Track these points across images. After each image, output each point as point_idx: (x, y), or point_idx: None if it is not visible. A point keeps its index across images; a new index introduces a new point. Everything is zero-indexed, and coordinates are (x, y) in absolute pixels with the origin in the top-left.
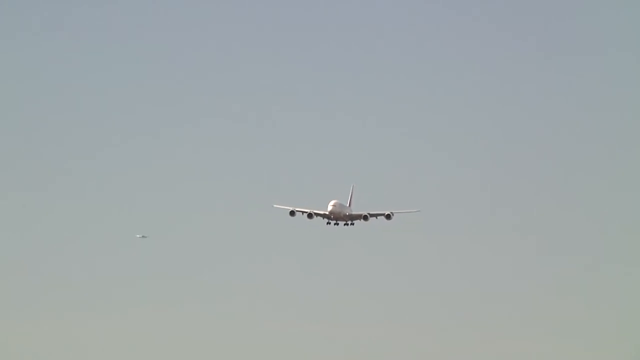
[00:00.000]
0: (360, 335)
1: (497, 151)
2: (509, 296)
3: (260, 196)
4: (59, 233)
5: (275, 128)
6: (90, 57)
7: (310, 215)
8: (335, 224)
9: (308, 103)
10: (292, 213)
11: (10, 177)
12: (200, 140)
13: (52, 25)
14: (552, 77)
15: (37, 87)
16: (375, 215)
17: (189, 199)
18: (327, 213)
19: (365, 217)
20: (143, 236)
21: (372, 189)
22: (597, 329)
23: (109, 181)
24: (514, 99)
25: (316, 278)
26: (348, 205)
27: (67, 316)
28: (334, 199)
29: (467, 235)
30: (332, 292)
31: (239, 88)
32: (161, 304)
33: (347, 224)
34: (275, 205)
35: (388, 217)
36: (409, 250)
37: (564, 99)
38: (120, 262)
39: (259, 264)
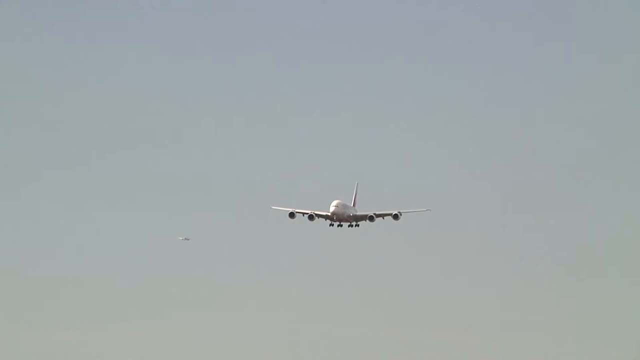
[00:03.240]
0: (365, 341)
1: (505, 150)
2: (520, 297)
3: (257, 197)
4: (52, 234)
5: (274, 126)
6: (91, 57)
7: (311, 217)
8: (338, 225)
9: (308, 101)
10: (292, 215)
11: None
12: (196, 140)
13: (52, 25)
14: (557, 75)
15: (39, 88)
16: (382, 216)
17: (182, 201)
18: (329, 214)
19: (371, 218)
20: (186, 238)
21: (377, 188)
22: (609, 330)
23: (105, 185)
24: (522, 99)
25: (319, 283)
26: (352, 205)
27: (66, 319)
28: (336, 199)
29: (480, 235)
30: (336, 299)
31: (238, 88)
32: (157, 308)
33: (352, 225)
34: (273, 207)
35: (396, 217)
36: (419, 252)
37: (571, 98)
38: (117, 266)
39: (258, 269)
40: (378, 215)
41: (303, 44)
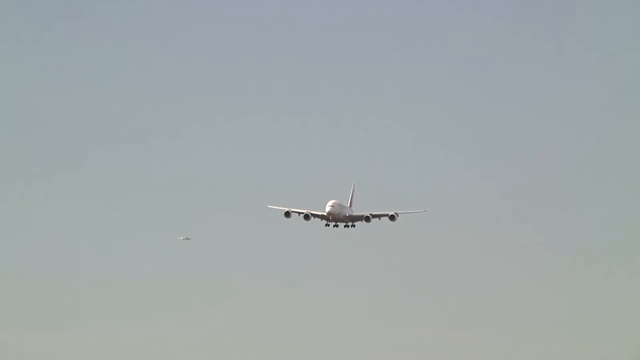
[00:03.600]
0: (360, 340)
1: (502, 150)
2: (517, 297)
3: (252, 196)
4: (52, 234)
5: (270, 125)
6: (91, 57)
7: (307, 217)
8: (334, 225)
9: (305, 101)
10: (288, 214)
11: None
12: (192, 140)
13: (52, 25)
14: (557, 75)
15: (37, 87)
16: (379, 216)
17: (178, 200)
18: (325, 214)
19: (367, 218)
20: (186, 238)
21: (374, 188)
22: (608, 329)
23: (102, 184)
24: (518, 98)
25: (314, 283)
26: (348, 205)
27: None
28: (332, 199)
29: (477, 236)
30: (331, 299)
31: (234, 87)
32: (154, 309)
33: (348, 226)
34: (269, 206)
35: (392, 218)
36: (415, 254)
37: (570, 98)
38: (109, 267)
39: (252, 269)
40: (374, 216)
41: (300, 42)
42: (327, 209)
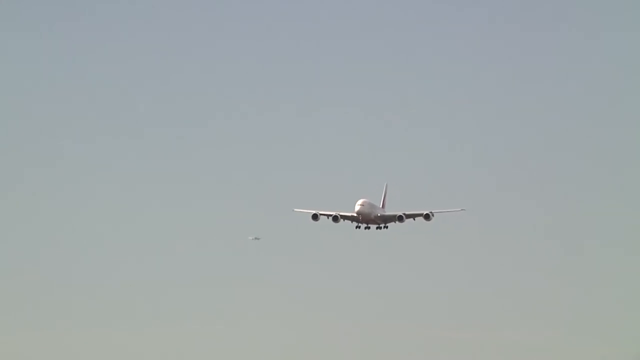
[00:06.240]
0: (395, 343)
1: (542, 149)
2: (555, 298)
3: (278, 199)
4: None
5: (294, 124)
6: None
7: (336, 219)
8: (365, 227)
9: (331, 98)
10: (315, 217)
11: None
12: (213, 140)
13: (53, 25)
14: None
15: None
16: (413, 216)
17: (197, 202)
18: (355, 214)
19: (400, 218)
20: (256, 238)
21: (407, 186)
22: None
23: (125, 183)
24: (559, 99)
25: (346, 290)
26: (381, 206)
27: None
28: (362, 198)
29: (517, 236)
30: (364, 307)
31: (255, 86)
32: (177, 317)
33: (380, 227)
34: (295, 210)
35: (427, 217)
36: (452, 255)
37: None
38: (140, 270)
39: (281, 275)
40: (408, 216)
41: (330, 40)
42: (357, 208)
